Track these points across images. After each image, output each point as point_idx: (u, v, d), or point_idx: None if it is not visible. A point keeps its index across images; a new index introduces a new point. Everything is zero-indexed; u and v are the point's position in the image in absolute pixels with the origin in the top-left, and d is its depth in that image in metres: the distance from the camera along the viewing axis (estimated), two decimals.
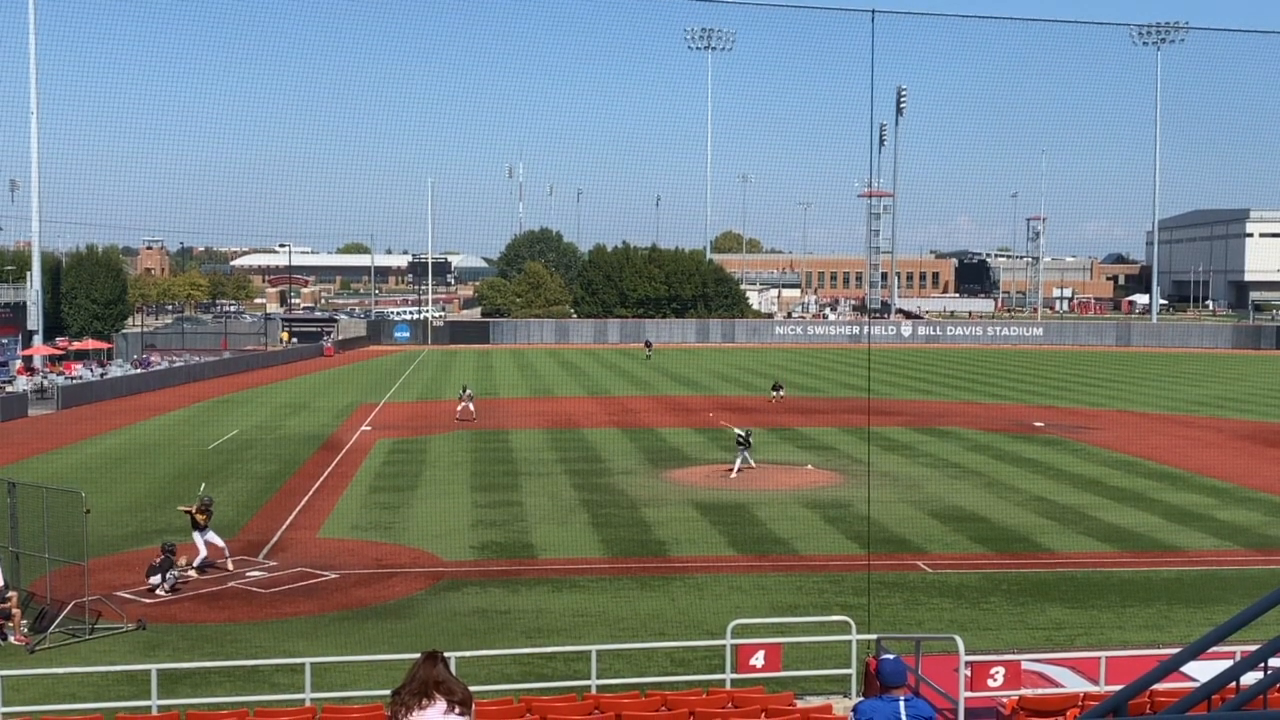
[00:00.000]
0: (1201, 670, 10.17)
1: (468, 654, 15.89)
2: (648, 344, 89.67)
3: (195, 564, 23.93)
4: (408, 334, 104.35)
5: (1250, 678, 6.67)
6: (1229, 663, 7.92)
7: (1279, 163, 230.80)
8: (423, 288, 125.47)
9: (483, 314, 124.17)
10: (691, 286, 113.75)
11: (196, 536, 24.04)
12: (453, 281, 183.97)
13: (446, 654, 9.40)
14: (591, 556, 25.60)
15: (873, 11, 15.73)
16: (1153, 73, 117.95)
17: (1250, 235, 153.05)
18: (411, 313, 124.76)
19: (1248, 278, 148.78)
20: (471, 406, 48.71)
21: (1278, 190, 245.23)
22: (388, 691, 9.66)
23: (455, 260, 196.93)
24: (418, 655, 8.95)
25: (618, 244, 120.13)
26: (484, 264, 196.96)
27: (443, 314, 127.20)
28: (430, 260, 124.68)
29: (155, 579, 22.50)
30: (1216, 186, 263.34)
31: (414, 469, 36.95)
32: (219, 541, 24.37)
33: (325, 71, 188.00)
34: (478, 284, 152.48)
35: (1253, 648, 7.38)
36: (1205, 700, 6.36)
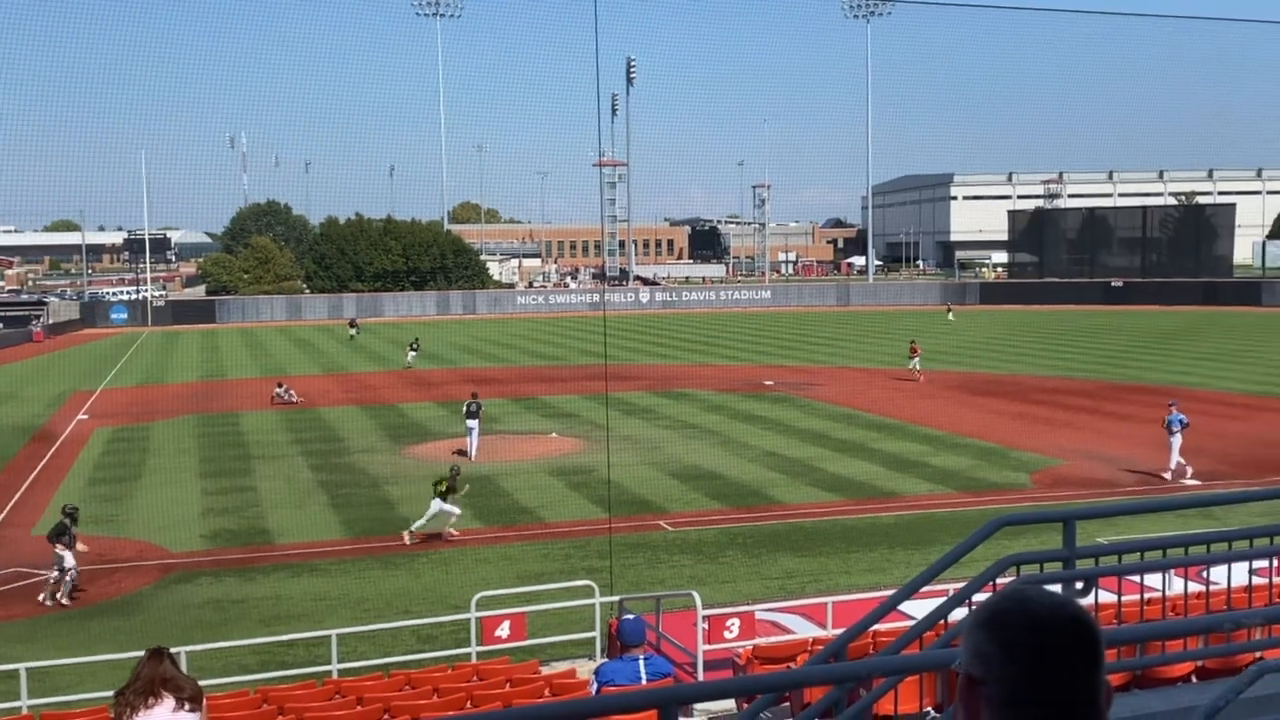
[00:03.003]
0: (920, 609, 10.88)
1: (200, 647, 15.30)
2: (352, 322, 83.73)
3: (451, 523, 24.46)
4: (125, 315, 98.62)
5: (959, 614, 7.17)
6: (942, 600, 8.48)
7: (978, 130, 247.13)
8: (140, 266, 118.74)
9: (207, 292, 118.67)
10: (430, 258, 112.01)
11: (436, 504, 24.11)
12: (173, 258, 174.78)
13: (177, 649, 9.04)
14: (332, 539, 25.02)
15: None
16: (863, 45, 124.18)
17: (954, 198, 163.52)
18: (129, 293, 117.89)
19: (953, 238, 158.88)
20: (291, 395, 46.42)
21: (978, 156, 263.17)
22: (112, 693, 9.18)
23: (175, 236, 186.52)
24: (143, 653, 8.59)
25: (351, 216, 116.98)
26: (207, 239, 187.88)
27: (164, 293, 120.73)
28: (148, 237, 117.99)
29: (60, 550, 20.71)
30: (923, 153, 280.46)
31: (137, 458, 35.10)
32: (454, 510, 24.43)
33: (24, 36, 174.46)
34: (201, 260, 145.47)
35: (961, 585, 7.94)
36: (918, 638, 6.81)
